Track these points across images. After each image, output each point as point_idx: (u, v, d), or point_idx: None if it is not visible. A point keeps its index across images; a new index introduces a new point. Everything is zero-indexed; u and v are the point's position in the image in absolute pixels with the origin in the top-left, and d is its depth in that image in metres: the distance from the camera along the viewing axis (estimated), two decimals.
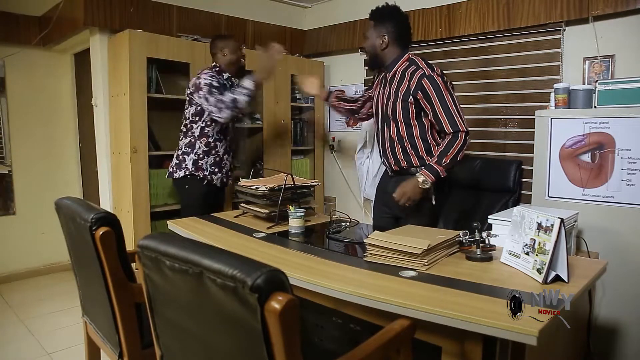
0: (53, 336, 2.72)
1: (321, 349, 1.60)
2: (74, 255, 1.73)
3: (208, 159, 2.80)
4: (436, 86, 2.11)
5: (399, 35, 2.24)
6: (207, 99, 2.64)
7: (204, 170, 2.78)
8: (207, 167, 2.79)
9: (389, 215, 2.31)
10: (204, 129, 2.77)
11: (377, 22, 2.25)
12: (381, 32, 2.23)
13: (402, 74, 2.21)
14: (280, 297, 0.83)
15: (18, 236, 3.74)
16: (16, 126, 3.69)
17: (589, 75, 2.70)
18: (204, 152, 2.79)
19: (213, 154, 2.81)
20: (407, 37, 2.29)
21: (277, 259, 1.62)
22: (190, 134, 2.79)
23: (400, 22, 2.26)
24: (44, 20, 3.52)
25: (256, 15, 3.88)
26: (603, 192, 2.22)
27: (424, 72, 2.14)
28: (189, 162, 2.78)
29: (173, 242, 1.03)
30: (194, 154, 2.78)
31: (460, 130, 2.09)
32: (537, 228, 1.38)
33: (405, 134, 2.20)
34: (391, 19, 2.24)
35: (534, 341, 1.02)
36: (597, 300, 2.21)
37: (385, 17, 2.24)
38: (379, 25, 2.24)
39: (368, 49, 2.31)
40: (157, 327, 1.17)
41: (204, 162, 2.79)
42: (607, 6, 2.57)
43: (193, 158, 2.78)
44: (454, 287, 1.29)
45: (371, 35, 2.26)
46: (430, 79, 2.12)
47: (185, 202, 2.88)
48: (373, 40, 2.26)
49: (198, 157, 2.78)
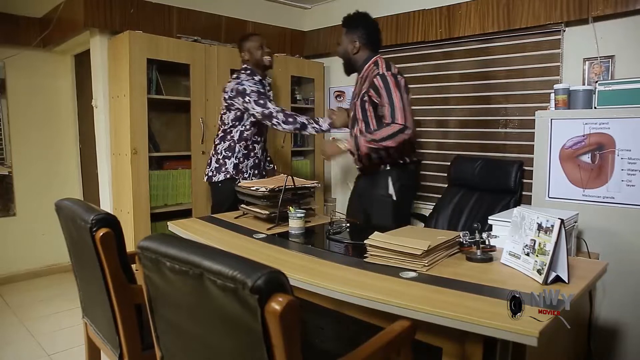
0: (53, 337, 2.72)
1: (321, 350, 1.59)
2: (74, 257, 1.73)
3: (248, 162, 2.86)
4: (386, 83, 2.26)
5: (369, 40, 2.41)
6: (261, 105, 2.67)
7: (244, 173, 2.84)
8: (247, 169, 2.86)
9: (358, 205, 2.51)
10: (243, 132, 2.80)
11: (348, 29, 2.43)
12: (353, 37, 2.40)
13: (366, 76, 2.38)
14: (280, 298, 0.83)
15: (18, 237, 3.74)
16: (16, 127, 3.69)
17: (589, 75, 2.70)
18: (244, 155, 2.84)
19: (252, 157, 2.87)
20: (376, 41, 2.46)
21: (277, 260, 1.62)
22: (229, 137, 2.82)
23: (369, 27, 2.43)
24: (44, 22, 3.52)
25: (256, 16, 3.88)
26: (603, 192, 2.22)
27: (378, 71, 2.30)
28: (230, 166, 2.81)
29: (173, 244, 1.03)
30: (235, 157, 2.82)
31: (398, 122, 2.20)
32: (537, 229, 1.37)
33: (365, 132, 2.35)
34: (361, 25, 2.42)
35: (535, 342, 1.02)
36: (597, 301, 2.21)
37: (356, 24, 2.42)
38: (350, 32, 2.41)
39: (341, 54, 2.48)
40: (158, 328, 1.17)
41: (244, 165, 2.84)
42: (607, 7, 2.57)
43: (234, 162, 2.82)
44: (454, 288, 1.29)
45: (343, 41, 2.44)
46: (382, 77, 2.27)
47: (217, 200, 2.89)
48: (345, 46, 2.43)
49: (239, 161, 2.83)
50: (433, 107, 3.46)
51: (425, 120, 3.52)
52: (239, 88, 2.71)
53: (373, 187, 2.40)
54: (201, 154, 3.27)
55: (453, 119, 3.38)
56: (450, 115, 3.39)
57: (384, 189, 2.34)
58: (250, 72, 2.82)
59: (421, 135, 3.53)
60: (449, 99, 3.38)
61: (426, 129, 3.52)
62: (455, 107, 3.35)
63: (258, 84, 2.78)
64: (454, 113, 3.37)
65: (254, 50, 2.82)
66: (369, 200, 2.41)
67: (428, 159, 3.53)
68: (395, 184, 2.32)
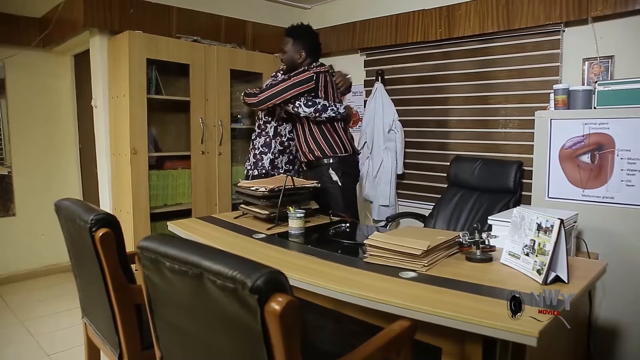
0: (53, 337, 2.71)
1: (321, 350, 1.59)
2: (74, 257, 1.73)
3: (283, 158, 2.89)
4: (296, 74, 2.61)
5: (312, 50, 2.72)
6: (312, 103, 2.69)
7: (279, 168, 2.87)
8: (282, 165, 2.89)
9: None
10: (277, 128, 2.85)
11: (295, 39, 2.69)
12: (299, 47, 2.69)
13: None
14: (280, 298, 0.83)
15: (18, 237, 3.73)
16: (16, 127, 3.69)
17: (589, 76, 2.70)
18: (279, 151, 2.88)
19: (287, 153, 2.90)
20: (318, 51, 2.78)
21: (277, 260, 1.62)
22: (264, 133, 2.87)
23: (314, 39, 2.74)
24: (44, 22, 3.52)
25: (256, 16, 3.88)
26: (603, 192, 2.22)
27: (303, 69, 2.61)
28: (266, 162, 2.86)
29: (173, 244, 1.03)
30: (271, 153, 2.86)
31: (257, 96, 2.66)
32: (536, 229, 1.38)
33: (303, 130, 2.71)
34: (306, 37, 2.71)
35: (534, 342, 1.02)
36: (597, 301, 2.21)
37: (302, 35, 2.70)
38: (297, 42, 2.69)
39: (286, 60, 2.75)
40: (157, 328, 1.17)
41: (280, 160, 2.88)
42: (606, 7, 2.57)
43: (270, 157, 2.86)
44: (453, 288, 1.29)
45: (289, 50, 2.71)
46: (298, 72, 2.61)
47: None
48: (292, 55, 2.71)
49: (274, 157, 2.87)
50: (432, 107, 3.46)
51: (425, 121, 3.52)
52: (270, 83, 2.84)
53: (320, 178, 2.64)
54: (201, 154, 3.27)
55: (452, 119, 3.38)
56: (450, 116, 3.39)
57: (329, 178, 2.65)
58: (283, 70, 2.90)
59: (421, 135, 3.54)
60: (449, 99, 3.38)
61: (426, 129, 3.52)
62: (455, 107, 3.35)
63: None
64: (453, 113, 3.37)
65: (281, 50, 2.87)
66: (322, 190, 2.60)
67: (427, 158, 3.53)
68: (336, 172, 2.63)
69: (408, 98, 3.59)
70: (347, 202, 2.68)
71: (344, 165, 2.70)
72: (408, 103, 3.59)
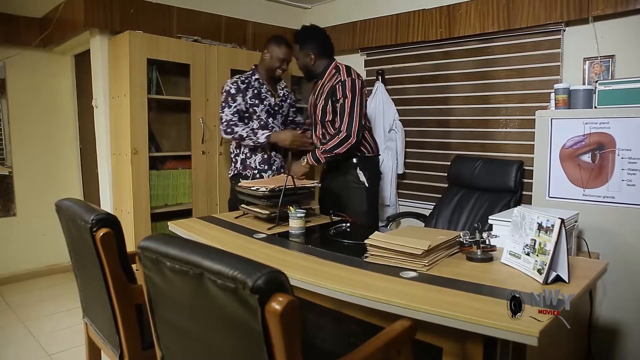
0: (54, 337, 2.72)
1: (322, 349, 1.59)
2: (75, 257, 1.73)
3: (256, 157, 2.86)
4: (344, 90, 2.50)
5: (323, 50, 2.64)
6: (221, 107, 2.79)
7: (253, 168, 2.85)
8: (256, 165, 2.85)
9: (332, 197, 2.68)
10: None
11: (301, 44, 2.64)
12: (307, 52, 2.62)
13: (329, 80, 2.59)
14: (280, 298, 0.83)
15: (18, 237, 3.74)
16: (17, 127, 3.69)
17: (589, 75, 2.69)
18: (250, 151, 2.85)
19: (260, 152, 2.85)
20: (329, 49, 2.69)
21: (277, 260, 1.62)
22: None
23: (320, 38, 2.66)
24: (44, 22, 3.52)
25: (256, 16, 3.88)
26: (603, 192, 2.22)
27: (340, 78, 2.53)
28: (238, 162, 2.87)
29: (173, 243, 1.03)
30: (242, 153, 2.86)
31: (342, 131, 2.50)
32: (537, 228, 1.37)
33: (327, 133, 2.61)
34: (313, 38, 2.64)
35: (535, 341, 1.02)
36: (597, 300, 2.21)
37: (307, 38, 2.64)
38: (304, 47, 2.63)
39: (301, 67, 2.71)
40: (158, 328, 1.17)
41: (252, 160, 2.85)
42: (607, 6, 2.57)
43: (241, 157, 2.86)
44: (454, 288, 1.29)
45: (300, 57, 2.67)
46: (342, 84, 2.51)
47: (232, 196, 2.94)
48: (303, 60, 2.66)
49: (246, 157, 2.86)
50: (433, 107, 3.46)
51: (425, 120, 3.52)
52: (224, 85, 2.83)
53: (345, 178, 2.63)
54: (201, 154, 3.27)
55: (453, 119, 3.37)
56: (450, 115, 3.39)
57: (355, 178, 2.60)
58: (251, 71, 2.89)
59: (421, 135, 3.53)
60: (449, 99, 3.38)
61: (426, 128, 3.52)
62: (455, 107, 3.35)
63: (239, 83, 2.81)
64: (454, 113, 3.37)
65: (276, 59, 2.83)
66: (345, 190, 2.62)
67: (428, 158, 3.53)
68: (364, 173, 2.59)
69: (408, 98, 3.59)
70: (370, 203, 2.65)
71: (370, 166, 2.66)
72: (408, 103, 3.59)
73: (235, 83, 2.81)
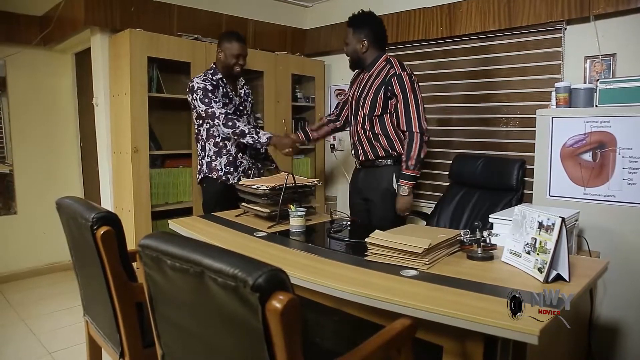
0: (54, 335, 2.72)
1: (322, 348, 1.59)
2: (75, 255, 1.73)
3: (221, 159, 2.76)
4: (402, 85, 2.36)
5: (376, 39, 2.46)
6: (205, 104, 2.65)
7: (219, 170, 2.76)
8: (222, 167, 2.77)
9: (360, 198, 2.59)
10: (209, 130, 2.75)
11: (355, 28, 2.47)
12: (360, 37, 2.45)
13: (379, 73, 2.43)
14: (281, 296, 0.83)
15: (19, 236, 3.74)
16: (17, 126, 3.69)
17: (590, 74, 2.69)
18: (215, 153, 2.76)
19: (225, 154, 2.76)
20: (383, 40, 2.52)
21: (278, 258, 1.62)
22: (200, 137, 2.79)
23: (376, 26, 2.49)
24: (44, 20, 3.52)
25: (257, 15, 3.88)
26: (604, 191, 2.21)
27: (395, 71, 2.38)
28: (204, 165, 2.79)
29: (174, 242, 1.03)
30: (207, 156, 2.78)
31: (413, 130, 2.36)
32: (538, 227, 1.37)
33: (372, 128, 2.44)
34: (368, 24, 2.47)
35: (535, 340, 1.02)
36: (598, 299, 2.21)
37: (363, 23, 2.47)
38: (357, 31, 2.46)
39: (350, 53, 2.52)
40: (158, 326, 1.17)
41: (217, 162, 2.77)
42: (608, 5, 2.56)
43: (207, 160, 2.79)
44: (455, 287, 1.29)
45: (351, 41, 2.48)
46: (399, 77, 2.36)
47: (204, 201, 2.88)
48: (354, 45, 2.47)
49: (211, 159, 2.78)
50: (434, 106, 3.45)
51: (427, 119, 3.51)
52: (189, 85, 2.72)
53: (377, 181, 2.48)
54: None
55: (454, 118, 3.37)
56: (452, 114, 3.38)
57: (388, 184, 2.45)
58: (212, 70, 2.79)
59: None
60: (450, 97, 3.38)
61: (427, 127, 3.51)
62: (457, 106, 3.35)
63: (210, 82, 2.71)
64: (455, 111, 3.37)
65: (232, 56, 2.74)
66: (375, 193, 2.48)
67: (429, 157, 3.52)
68: (397, 179, 2.43)
69: None
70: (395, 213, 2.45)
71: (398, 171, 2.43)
72: None
73: (207, 81, 2.71)
